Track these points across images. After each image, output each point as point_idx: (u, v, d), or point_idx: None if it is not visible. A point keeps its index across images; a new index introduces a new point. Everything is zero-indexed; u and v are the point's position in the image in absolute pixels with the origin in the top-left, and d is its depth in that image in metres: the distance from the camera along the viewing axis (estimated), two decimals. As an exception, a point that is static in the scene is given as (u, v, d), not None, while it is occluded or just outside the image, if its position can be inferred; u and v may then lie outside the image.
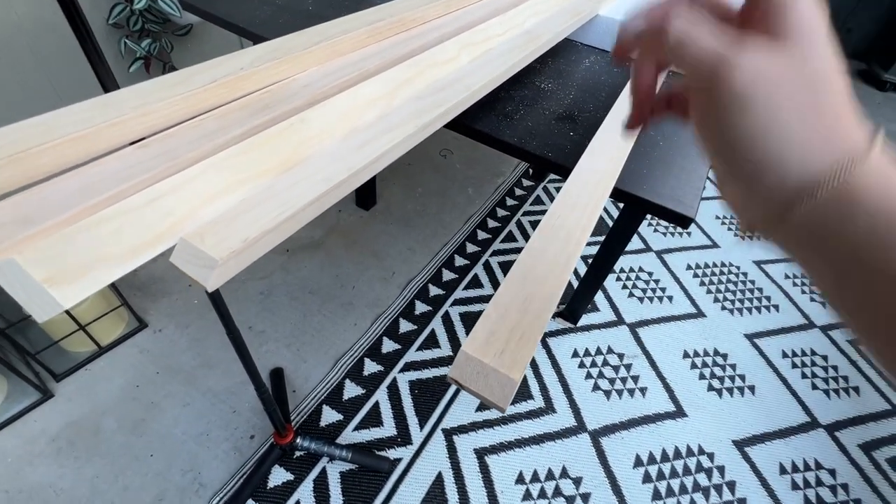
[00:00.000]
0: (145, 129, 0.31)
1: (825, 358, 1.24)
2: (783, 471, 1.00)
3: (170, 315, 1.13)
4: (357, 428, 0.98)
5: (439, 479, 0.92)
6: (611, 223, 1.50)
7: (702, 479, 0.98)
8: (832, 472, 1.01)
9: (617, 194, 0.51)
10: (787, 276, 1.45)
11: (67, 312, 0.94)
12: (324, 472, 0.91)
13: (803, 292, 1.41)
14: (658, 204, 0.49)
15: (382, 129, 0.39)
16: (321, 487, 0.89)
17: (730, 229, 1.60)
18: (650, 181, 0.53)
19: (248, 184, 0.32)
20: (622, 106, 0.49)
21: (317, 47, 0.42)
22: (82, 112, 0.29)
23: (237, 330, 0.59)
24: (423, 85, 0.46)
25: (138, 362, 1.04)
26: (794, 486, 0.98)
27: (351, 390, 1.04)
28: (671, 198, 0.50)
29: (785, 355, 1.23)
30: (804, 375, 1.19)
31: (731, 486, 0.97)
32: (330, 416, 0.99)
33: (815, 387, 1.17)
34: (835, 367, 1.22)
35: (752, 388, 1.14)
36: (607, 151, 0.42)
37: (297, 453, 0.92)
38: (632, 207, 0.64)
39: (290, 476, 0.89)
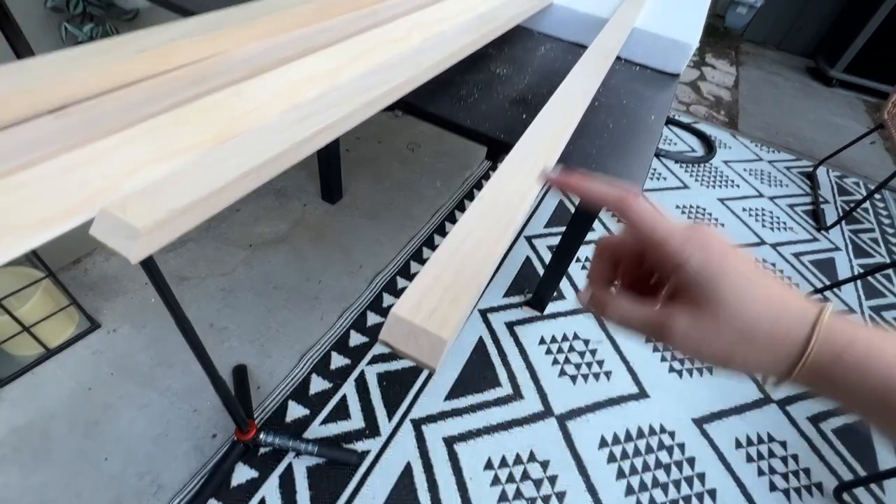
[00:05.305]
0: (64, 98, 0.30)
1: (777, 337, 1.30)
2: (738, 445, 1.05)
3: (125, 314, 1.09)
4: (324, 422, 0.96)
5: (408, 469, 0.92)
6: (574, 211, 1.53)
7: (663, 456, 1.01)
8: (783, 444, 1.07)
9: (567, 174, 0.52)
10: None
11: (10, 313, 0.88)
12: (290, 467, 0.89)
13: (757, 276, 1.48)
14: (606, 182, 0.51)
15: (325, 104, 0.38)
16: (287, 483, 0.87)
17: (689, 218, 1.66)
18: (599, 161, 0.54)
19: (177, 157, 0.31)
20: (568, 86, 0.50)
21: (258, 21, 0.41)
22: (-9, 78, 0.28)
23: (186, 318, 0.57)
24: (372, 63, 0.46)
25: (91, 364, 0.99)
26: (749, 459, 1.03)
27: (317, 384, 1.02)
28: (618, 177, 0.52)
29: (740, 336, 1.28)
30: (758, 354, 1.25)
31: (691, 461, 1.01)
32: (296, 410, 0.97)
33: (767, 365, 1.23)
34: (786, 346, 1.28)
35: (710, 368, 1.19)
36: (550, 128, 0.43)
37: (262, 450, 0.90)
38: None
39: (254, 473, 0.87)
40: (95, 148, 0.28)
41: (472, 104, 0.60)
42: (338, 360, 1.07)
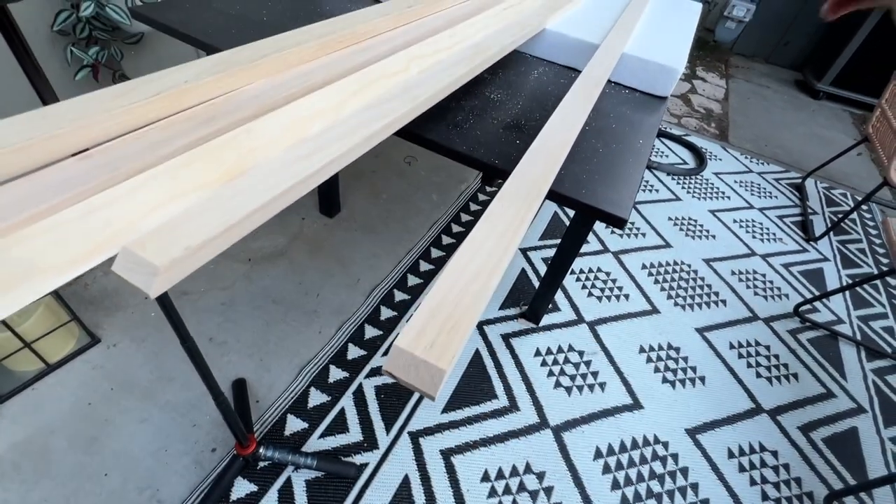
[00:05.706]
0: (86, 141, 0.32)
1: (768, 348, 1.33)
2: (731, 455, 1.07)
3: (125, 329, 1.10)
4: (323, 435, 0.98)
5: (406, 482, 0.93)
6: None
7: (657, 467, 1.03)
8: (774, 454, 1.09)
9: (558, 198, 0.55)
10: (733, 273, 1.55)
11: (12, 330, 0.90)
12: (289, 481, 0.90)
13: (748, 287, 1.51)
14: (595, 206, 0.53)
15: (329, 140, 0.40)
16: (286, 497, 0.88)
17: (681, 230, 1.69)
18: (589, 186, 0.56)
19: (190, 195, 0.33)
20: (559, 115, 0.53)
21: (264, 60, 0.44)
22: (19, 124, 0.30)
23: (191, 338, 0.59)
24: (372, 96, 0.48)
25: (90, 379, 1.00)
26: (741, 469, 1.05)
27: (316, 398, 1.03)
28: (607, 201, 0.54)
29: (732, 346, 1.31)
30: (749, 365, 1.27)
31: (685, 472, 1.03)
32: (295, 424, 0.98)
33: (759, 375, 1.25)
34: (776, 356, 1.31)
35: (702, 379, 1.21)
36: (544, 156, 0.45)
37: (262, 464, 0.91)
38: (575, 210, 0.67)
39: (253, 487, 0.88)
40: (116, 188, 0.30)
41: (468, 130, 0.63)
42: (336, 374, 1.08)
